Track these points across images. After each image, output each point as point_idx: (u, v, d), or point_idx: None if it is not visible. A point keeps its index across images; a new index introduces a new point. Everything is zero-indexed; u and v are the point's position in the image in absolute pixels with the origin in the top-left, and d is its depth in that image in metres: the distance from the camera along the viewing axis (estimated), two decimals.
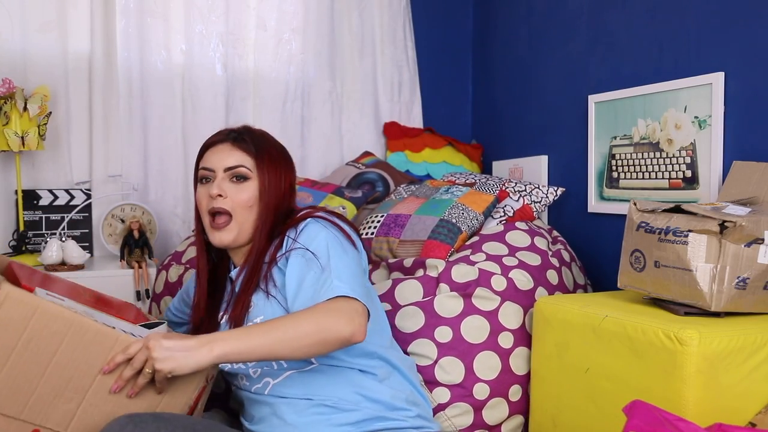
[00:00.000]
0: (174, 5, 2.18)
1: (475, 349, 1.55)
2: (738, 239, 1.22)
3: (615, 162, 1.89)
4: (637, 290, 1.39)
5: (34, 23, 2.03)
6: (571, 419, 1.41)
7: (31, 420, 1.03)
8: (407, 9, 2.50)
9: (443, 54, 2.62)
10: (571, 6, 2.10)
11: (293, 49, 2.34)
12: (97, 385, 1.06)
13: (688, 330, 1.15)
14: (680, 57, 1.71)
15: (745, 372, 1.18)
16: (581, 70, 2.05)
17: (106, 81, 2.10)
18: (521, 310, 1.61)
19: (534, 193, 1.95)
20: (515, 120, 2.40)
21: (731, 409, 1.17)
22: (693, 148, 1.66)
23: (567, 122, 2.12)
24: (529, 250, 1.74)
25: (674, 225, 1.29)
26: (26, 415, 1.03)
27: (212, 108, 2.24)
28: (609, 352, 1.30)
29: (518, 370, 1.57)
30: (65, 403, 1.05)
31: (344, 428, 1.21)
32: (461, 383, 1.53)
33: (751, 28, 1.54)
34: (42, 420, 1.03)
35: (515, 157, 2.34)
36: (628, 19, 1.87)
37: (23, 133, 1.88)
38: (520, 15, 2.37)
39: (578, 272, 1.85)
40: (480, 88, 2.63)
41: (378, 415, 1.24)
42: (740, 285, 1.23)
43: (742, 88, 1.55)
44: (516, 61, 2.39)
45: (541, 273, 1.70)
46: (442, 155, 2.42)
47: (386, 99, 2.47)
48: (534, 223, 1.90)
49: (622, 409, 1.06)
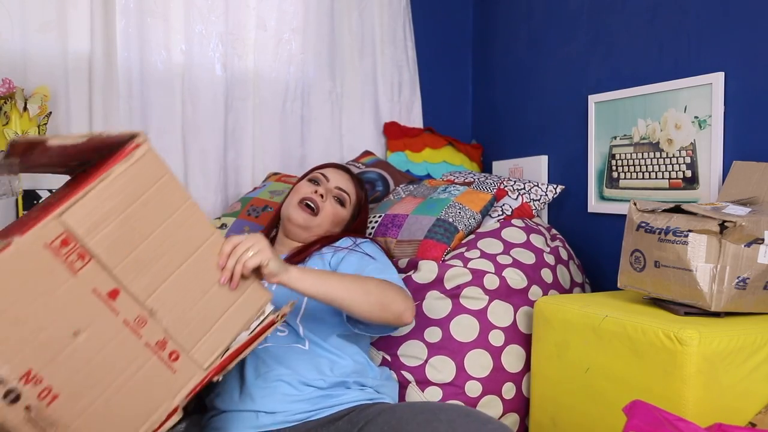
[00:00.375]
0: (174, 5, 2.18)
1: (466, 347, 1.56)
2: (738, 239, 1.22)
3: (615, 162, 1.89)
4: (637, 290, 1.39)
5: (34, 23, 2.03)
6: (571, 419, 1.41)
7: (119, 278, 0.98)
8: (407, 9, 2.50)
9: (443, 54, 2.62)
10: (571, 6, 2.10)
11: (293, 49, 2.34)
12: (185, 268, 1.06)
13: (688, 330, 1.15)
14: (680, 57, 1.71)
15: (745, 372, 1.18)
16: (581, 70, 2.05)
17: (106, 81, 2.10)
18: (511, 308, 1.61)
19: (533, 191, 1.95)
20: (515, 120, 2.40)
21: (731, 409, 1.17)
22: (693, 148, 1.66)
23: (567, 122, 2.12)
24: (524, 248, 1.74)
25: (674, 225, 1.29)
26: (118, 271, 0.98)
27: (212, 108, 2.23)
28: (609, 352, 1.30)
29: (511, 367, 1.58)
30: (153, 275, 1.02)
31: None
32: (453, 381, 1.53)
33: (751, 28, 1.54)
34: (128, 282, 0.99)
35: (515, 157, 2.34)
36: (628, 19, 1.87)
37: (23, 133, 1.88)
38: (520, 15, 2.37)
39: (576, 270, 1.85)
40: (480, 88, 2.63)
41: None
42: (740, 285, 1.23)
43: (742, 88, 1.55)
44: (516, 61, 2.39)
45: (535, 271, 1.70)
46: (442, 155, 2.42)
47: (386, 99, 2.47)
48: (532, 221, 1.90)
49: (622, 409, 1.06)
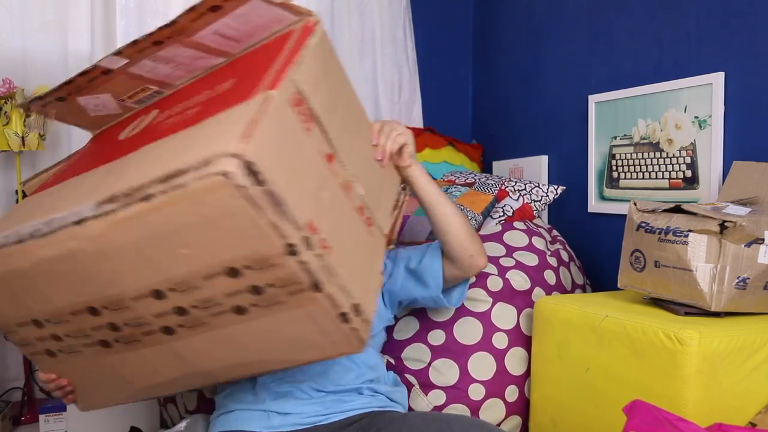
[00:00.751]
0: (174, 5, 2.18)
1: (469, 350, 1.55)
2: (738, 239, 1.22)
3: (615, 162, 1.89)
4: (637, 290, 1.39)
5: (34, 23, 2.03)
6: (571, 419, 1.41)
7: (333, 142, 0.98)
8: (407, 9, 2.50)
9: (443, 54, 2.62)
10: (571, 6, 2.10)
11: None
12: (366, 140, 1.15)
13: (688, 330, 1.15)
14: (680, 57, 1.71)
15: (745, 372, 1.18)
16: (581, 70, 2.05)
17: None
18: (515, 310, 1.61)
19: (534, 192, 1.95)
20: (515, 120, 2.40)
21: (731, 409, 1.17)
22: (693, 148, 1.66)
23: (567, 122, 2.12)
24: (526, 250, 1.74)
25: (674, 225, 1.29)
26: (331, 135, 0.97)
27: None
28: (609, 352, 1.30)
29: (514, 370, 1.57)
30: (350, 144, 1.04)
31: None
32: (456, 384, 1.53)
33: (751, 28, 1.54)
34: (338, 147, 0.99)
35: (515, 157, 2.34)
36: (628, 18, 1.87)
37: (24, 133, 1.88)
38: (521, 15, 2.37)
39: (577, 272, 1.85)
40: (480, 88, 2.63)
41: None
42: (740, 285, 1.23)
43: (743, 88, 1.55)
44: (516, 61, 2.39)
45: (538, 273, 1.69)
46: (442, 155, 2.42)
47: (386, 99, 2.47)
48: (532, 222, 1.90)
49: (622, 408, 1.06)
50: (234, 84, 0.96)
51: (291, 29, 1.02)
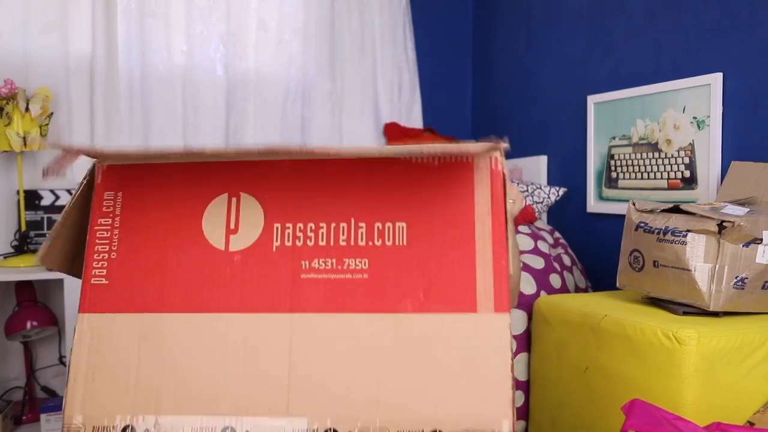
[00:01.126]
0: (175, 6, 2.19)
1: None
2: (736, 239, 1.23)
3: (614, 162, 1.90)
4: (636, 290, 1.40)
5: (35, 24, 2.04)
6: (570, 418, 1.41)
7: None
8: (407, 9, 2.50)
9: (443, 54, 2.63)
10: (570, 6, 2.11)
11: (293, 49, 2.35)
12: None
13: (687, 329, 1.16)
14: (679, 58, 1.72)
15: (743, 371, 1.19)
16: (580, 71, 2.06)
17: (108, 82, 2.10)
18: (525, 315, 1.61)
19: (536, 193, 1.95)
20: (515, 120, 2.40)
21: (730, 408, 1.18)
22: (691, 149, 1.66)
23: (566, 122, 2.12)
24: (532, 254, 1.75)
25: (673, 225, 1.30)
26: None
27: (213, 108, 2.24)
28: (608, 351, 1.30)
29: (519, 375, 1.58)
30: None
31: None
32: None
33: (749, 28, 1.54)
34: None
35: (515, 157, 2.34)
36: (627, 19, 1.88)
37: (25, 134, 1.89)
38: (520, 15, 2.37)
39: (579, 276, 1.86)
40: (480, 88, 2.63)
41: None
42: (738, 285, 1.24)
43: (741, 88, 1.56)
44: (515, 61, 2.40)
45: (543, 277, 1.70)
46: None
47: (386, 99, 2.48)
48: (535, 225, 1.90)
49: (621, 408, 1.06)
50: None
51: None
